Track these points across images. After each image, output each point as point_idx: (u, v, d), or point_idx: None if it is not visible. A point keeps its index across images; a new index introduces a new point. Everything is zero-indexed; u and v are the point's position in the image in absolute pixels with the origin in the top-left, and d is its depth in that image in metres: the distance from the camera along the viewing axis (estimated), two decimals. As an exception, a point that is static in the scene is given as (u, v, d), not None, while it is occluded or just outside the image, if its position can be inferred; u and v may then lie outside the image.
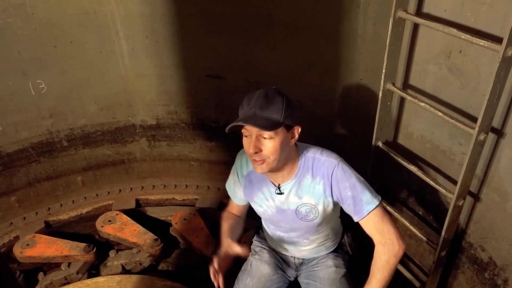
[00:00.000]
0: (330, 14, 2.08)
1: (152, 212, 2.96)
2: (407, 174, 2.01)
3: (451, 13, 1.55)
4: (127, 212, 2.85)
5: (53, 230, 2.87)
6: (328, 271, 1.83)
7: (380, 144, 2.04)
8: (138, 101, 2.86)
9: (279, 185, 1.67)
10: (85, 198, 3.04)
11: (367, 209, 1.55)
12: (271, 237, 1.92)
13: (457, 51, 1.59)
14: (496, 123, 1.53)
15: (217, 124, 2.88)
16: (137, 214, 2.91)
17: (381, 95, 1.90)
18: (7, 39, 2.37)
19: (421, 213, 2.11)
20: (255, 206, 1.80)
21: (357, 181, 1.57)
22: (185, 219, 2.73)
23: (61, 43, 2.52)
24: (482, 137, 1.49)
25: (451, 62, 1.63)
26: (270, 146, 1.46)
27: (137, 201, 3.05)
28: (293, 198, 1.67)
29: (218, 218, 2.86)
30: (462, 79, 1.62)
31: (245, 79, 2.57)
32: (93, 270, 2.63)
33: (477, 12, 1.46)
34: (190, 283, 2.40)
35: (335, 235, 1.90)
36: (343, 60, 2.17)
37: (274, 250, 1.98)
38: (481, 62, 1.52)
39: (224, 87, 2.68)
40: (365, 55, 2.07)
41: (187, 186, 3.14)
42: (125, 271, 2.60)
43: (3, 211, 2.80)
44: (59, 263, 2.58)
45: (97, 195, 3.07)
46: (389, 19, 1.70)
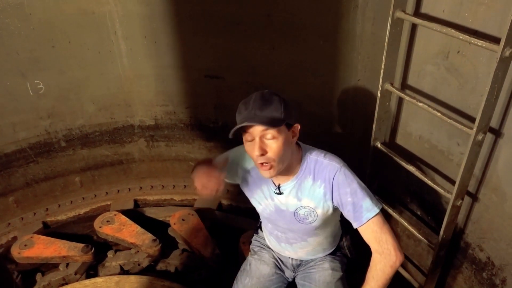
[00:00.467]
0: (328, 14, 2.08)
1: (150, 212, 2.96)
2: (405, 174, 2.01)
3: (449, 14, 1.56)
4: (125, 212, 2.85)
5: (51, 230, 2.86)
6: (324, 273, 1.83)
7: (378, 144, 2.04)
8: (136, 102, 2.86)
9: (279, 185, 1.67)
10: (83, 198, 3.03)
11: (367, 217, 1.53)
12: (269, 236, 1.91)
13: (455, 51, 1.60)
14: (494, 123, 1.53)
15: (215, 124, 2.87)
16: (136, 214, 2.91)
17: (379, 95, 1.90)
18: (5, 39, 2.37)
19: (419, 213, 2.11)
20: (254, 202, 1.80)
21: (359, 187, 1.55)
22: (183, 220, 2.72)
23: (59, 43, 2.52)
24: (480, 137, 1.50)
25: (449, 62, 1.64)
26: (274, 146, 1.46)
27: (136, 201, 3.04)
28: (292, 199, 1.66)
29: (216, 218, 2.90)
30: (460, 79, 1.62)
31: (243, 80, 2.57)
32: (91, 270, 2.62)
33: (475, 12, 1.46)
34: (188, 283, 2.40)
35: (334, 238, 1.89)
36: (342, 60, 2.18)
37: (272, 250, 1.98)
38: (479, 62, 1.52)
39: (222, 87, 2.68)
40: (364, 55, 2.07)
41: (185, 186, 3.13)
42: (124, 272, 2.59)
43: (0, 211, 2.79)
44: (57, 264, 2.57)
45: (95, 195, 3.07)
46: (387, 20, 1.70)
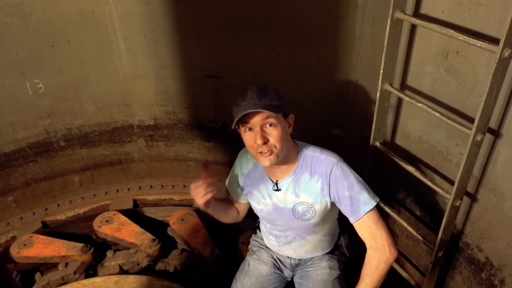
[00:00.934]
0: (328, 15, 2.08)
1: (149, 212, 2.95)
2: (404, 174, 2.01)
3: (448, 14, 1.56)
4: (124, 212, 2.85)
5: (50, 230, 2.86)
6: (321, 272, 1.83)
7: (377, 144, 2.04)
8: (136, 101, 2.86)
9: (277, 181, 1.67)
10: (83, 198, 3.03)
11: (364, 210, 1.55)
12: (268, 236, 1.92)
13: (454, 52, 1.60)
14: (493, 124, 1.54)
15: (215, 124, 2.87)
16: (135, 214, 2.91)
17: (378, 95, 1.90)
18: (5, 39, 2.37)
19: (418, 213, 2.11)
20: (253, 203, 1.81)
21: (355, 181, 1.57)
22: (182, 219, 2.73)
23: (58, 43, 2.51)
24: (479, 138, 1.50)
25: (448, 63, 1.64)
26: (275, 133, 1.50)
27: (135, 201, 3.04)
28: (290, 196, 1.67)
29: (216, 218, 2.89)
30: (459, 80, 1.62)
31: (243, 80, 2.57)
32: (91, 270, 2.62)
33: (474, 13, 1.46)
34: (187, 283, 2.40)
35: (332, 236, 1.90)
36: (341, 60, 2.18)
37: (271, 250, 1.98)
38: (478, 63, 1.52)
39: (222, 87, 2.68)
40: (363, 56, 2.07)
41: (184, 186, 3.12)
42: (123, 272, 2.59)
43: (0, 211, 2.79)
44: (56, 264, 2.57)
45: (95, 195, 3.06)
46: (387, 20, 1.70)
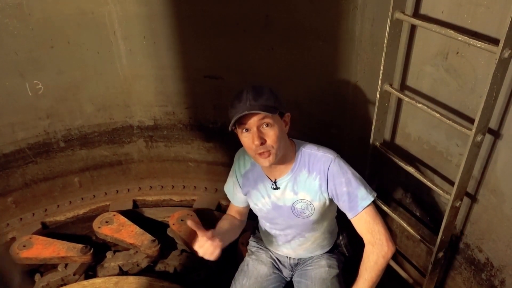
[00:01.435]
0: (328, 15, 2.08)
1: (149, 213, 2.95)
2: (404, 175, 2.01)
3: (448, 15, 1.56)
4: (124, 213, 2.84)
5: (50, 231, 2.85)
6: (320, 270, 1.84)
7: (377, 145, 2.04)
8: (135, 102, 2.86)
9: (276, 180, 1.68)
10: (82, 199, 3.03)
11: (362, 205, 1.56)
12: (267, 236, 1.92)
13: (454, 52, 1.60)
14: (493, 125, 1.53)
15: (214, 125, 2.87)
16: (135, 215, 2.90)
17: (378, 96, 1.90)
18: (4, 39, 2.36)
19: (418, 214, 2.11)
20: (251, 204, 1.82)
21: (353, 177, 1.59)
22: (182, 220, 2.72)
23: (58, 44, 2.51)
24: (479, 138, 1.50)
25: (448, 63, 1.64)
26: (272, 133, 1.50)
27: (134, 202, 3.04)
28: (289, 193, 1.67)
29: (215, 219, 2.89)
30: (459, 80, 1.62)
31: (242, 80, 2.57)
32: (90, 271, 2.62)
33: (474, 13, 1.46)
34: (187, 284, 2.40)
35: (331, 235, 1.91)
36: (341, 61, 2.18)
37: (270, 250, 1.98)
38: (478, 63, 1.52)
39: (222, 88, 2.68)
40: (363, 56, 2.07)
41: (184, 187, 3.13)
42: (122, 272, 2.59)
43: (-1, 212, 2.79)
44: (56, 264, 2.57)
45: (94, 196, 3.06)
46: (386, 21, 1.70)
